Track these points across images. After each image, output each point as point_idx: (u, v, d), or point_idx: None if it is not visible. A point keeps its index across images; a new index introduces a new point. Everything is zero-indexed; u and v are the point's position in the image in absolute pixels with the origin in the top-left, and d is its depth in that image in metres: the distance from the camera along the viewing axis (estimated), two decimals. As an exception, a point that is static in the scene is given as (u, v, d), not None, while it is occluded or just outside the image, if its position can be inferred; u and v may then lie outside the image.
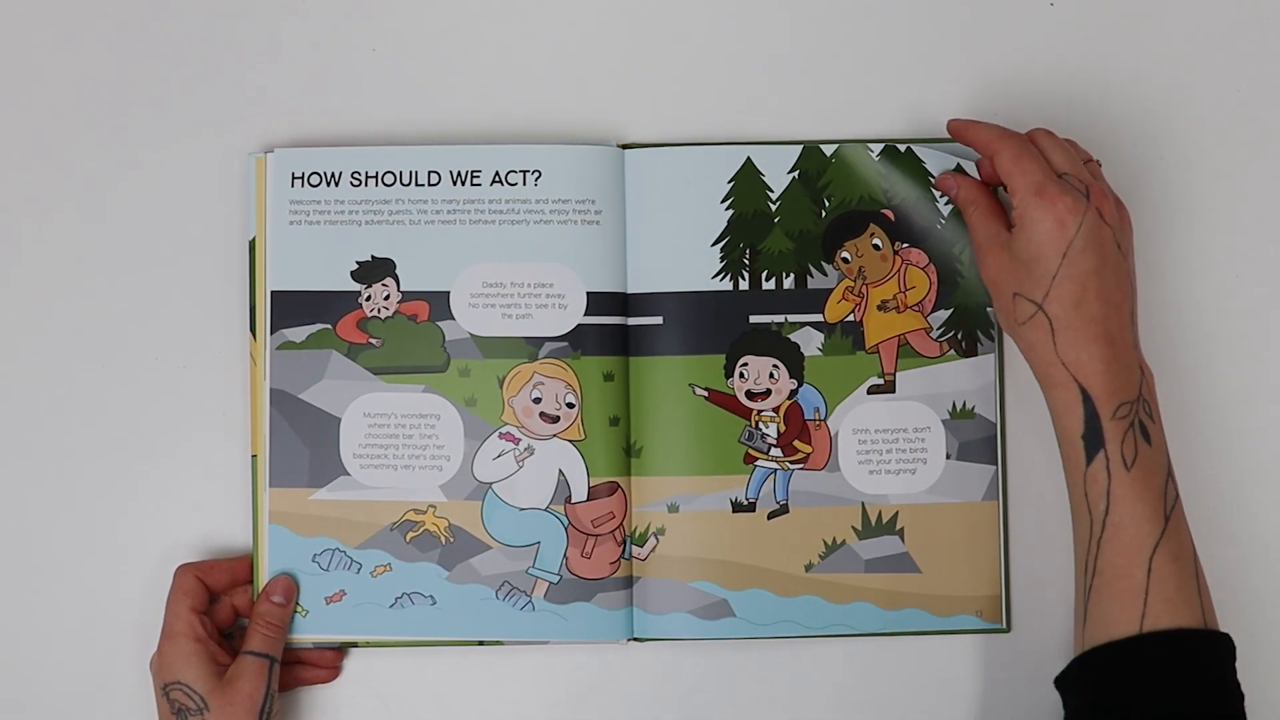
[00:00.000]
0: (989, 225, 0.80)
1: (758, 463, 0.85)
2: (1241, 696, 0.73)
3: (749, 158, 0.86)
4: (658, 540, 0.85)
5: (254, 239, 0.85)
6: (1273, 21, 0.89)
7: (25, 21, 0.88)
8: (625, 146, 0.86)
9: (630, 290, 0.86)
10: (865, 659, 0.86)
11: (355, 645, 0.84)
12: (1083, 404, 0.75)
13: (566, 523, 0.84)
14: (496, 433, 0.84)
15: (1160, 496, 0.74)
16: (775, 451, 0.85)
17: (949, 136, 0.86)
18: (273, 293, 0.85)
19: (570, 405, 0.84)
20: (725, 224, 0.86)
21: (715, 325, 0.85)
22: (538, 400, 0.84)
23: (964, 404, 0.85)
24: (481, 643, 0.84)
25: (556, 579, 0.84)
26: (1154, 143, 0.88)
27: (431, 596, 0.84)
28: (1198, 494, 0.86)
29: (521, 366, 0.84)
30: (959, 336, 0.86)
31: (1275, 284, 0.88)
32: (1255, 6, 0.89)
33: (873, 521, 0.85)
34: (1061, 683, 0.76)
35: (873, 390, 0.85)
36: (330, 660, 0.85)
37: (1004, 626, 0.85)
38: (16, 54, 0.88)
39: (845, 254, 0.86)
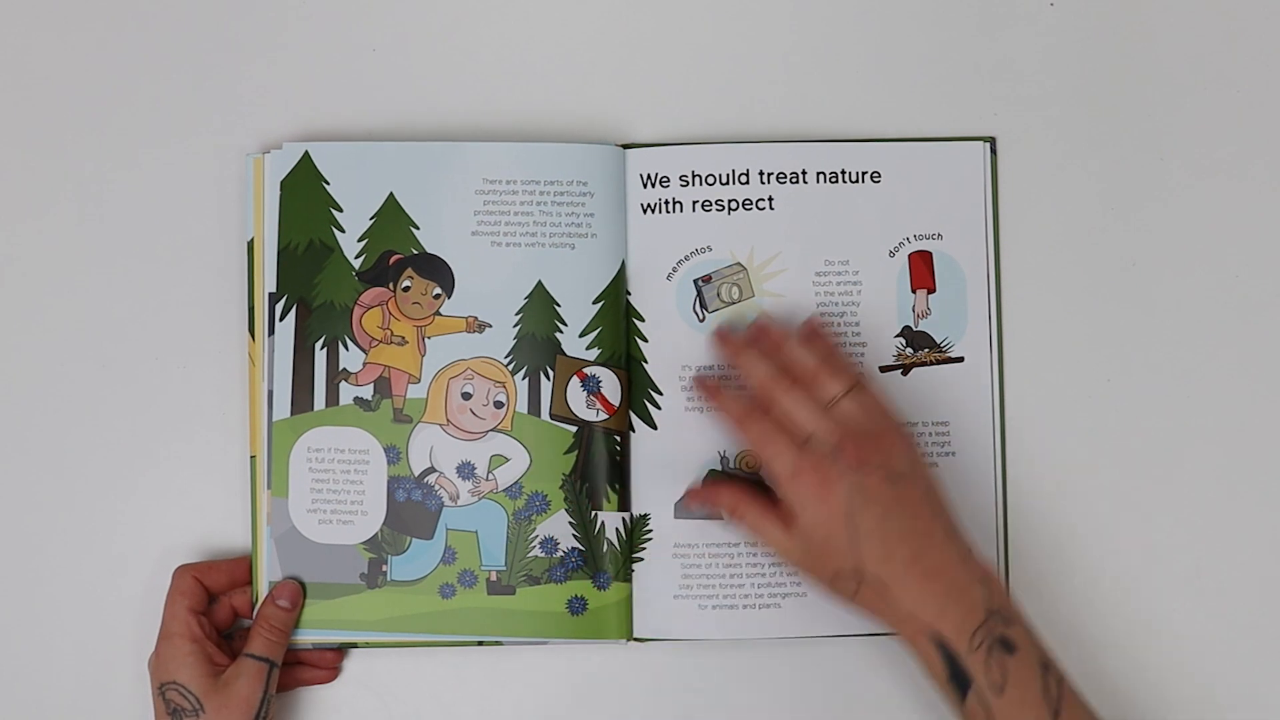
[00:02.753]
0: (769, 528, 0.78)
1: (758, 463, 0.85)
2: None
3: None
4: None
5: (252, 239, 0.85)
6: (1273, 21, 0.89)
7: (24, 21, 0.88)
8: (626, 146, 0.86)
9: (631, 290, 0.86)
10: (865, 659, 0.86)
11: (355, 645, 0.84)
12: (939, 651, 0.74)
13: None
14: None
15: (1040, 699, 0.72)
16: None
17: (951, 136, 0.86)
18: (270, 294, 0.84)
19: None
20: None
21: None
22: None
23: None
24: (481, 643, 0.84)
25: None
26: (1154, 142, 0.88)
27: (431, 596, 0.85)
28: (1200, 497, 0.86)
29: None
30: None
31: (1276, 284, 0.88)
32: (1255, 6, 0.89)
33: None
34: None
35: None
36: (330, 661, 0.85)
37: (1004, 626, 0.85)
38: (16, 54, 0.88)
39: None
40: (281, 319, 0.84)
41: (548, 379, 0.84)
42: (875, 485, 0.75)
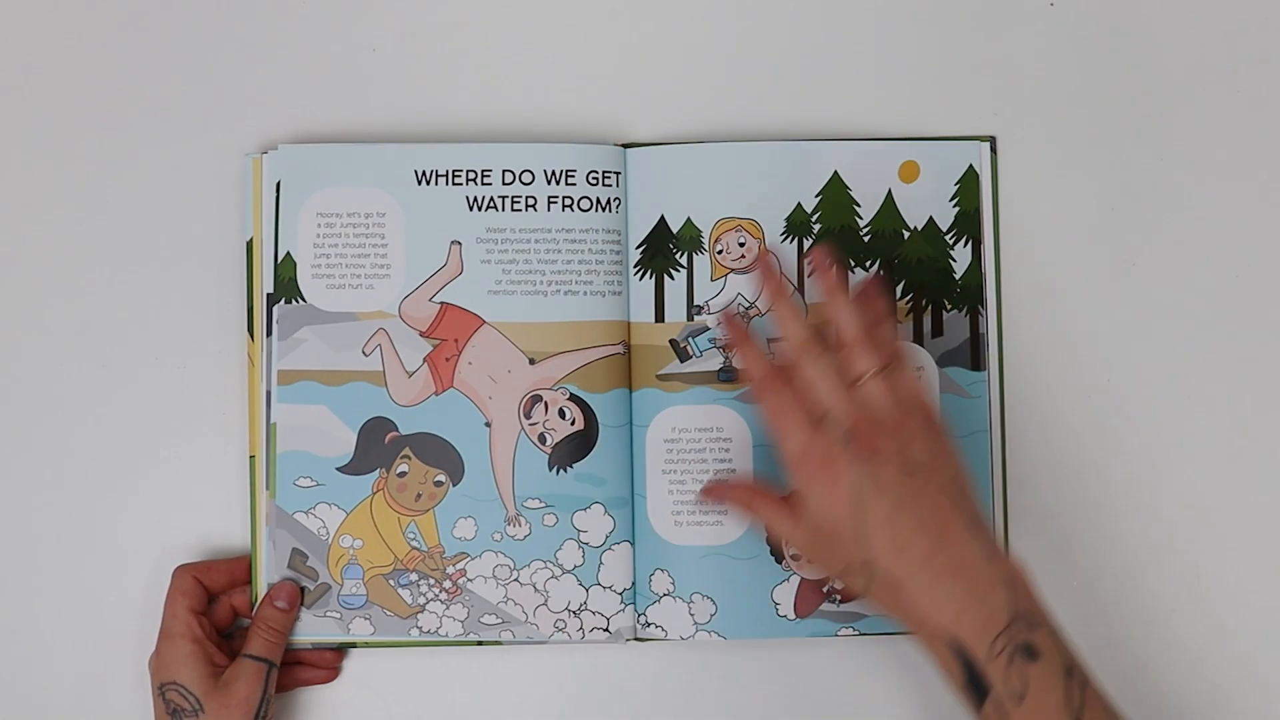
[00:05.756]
0: (781, 521, 0.75)
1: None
2: None
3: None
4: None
5: (252, 239, 0.85)
6: (1273, 21, 0.88)
7: (25, 21, 0.88)
8: (627, 146, 0.86)
9: (630, 290, 0.86)
10: (865, 659, 0.86)
11: (355, 645, 0.84)
12: (956, 657, 0.70)
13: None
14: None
15: (1061, 707, 0.68)
16: None
17: (951, 136, 0.86)
18: (269, 294, 0.84)
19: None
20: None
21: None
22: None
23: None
24: (481, 643, 0.84)
25: None
26: (1154, 143, 0.88)
27: (431, 596, 0.85)
28: (1200, 496, 0.86)
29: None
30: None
31: (1276, 284, 0.88)
32: (1255, 6, 0.88)
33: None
34: None
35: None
36: (330, 660, 0.85)
37: (1004, 626, 0.85)
38: (16, 54, 0.88)
39: None
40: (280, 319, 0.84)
41: None
42: (888, 475, 0.71)
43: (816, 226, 0.85)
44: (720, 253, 0.85)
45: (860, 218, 0.86)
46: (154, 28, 0.88)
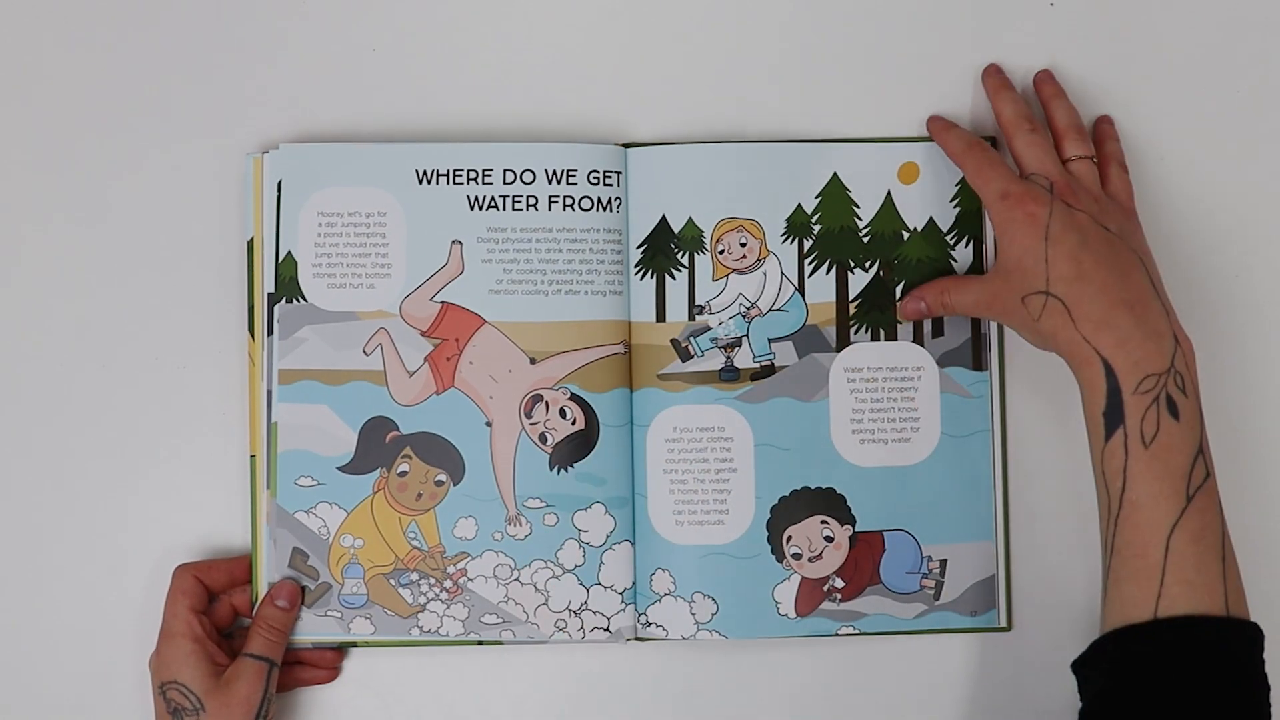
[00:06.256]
0: (970, 291, 0.81)
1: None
2: (1267, 688, 0.71)
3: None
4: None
5: (252, 239, 0.85)
6: (1273, 21, 0.89)
7: (26, 22, 0.88)
8: (627, 146, 0.86)
9: (630, 291, 0.86)
10: (866, 659, 0.86)
11: (355, 645, 0.84)
12: (1105, 378, 0.73)
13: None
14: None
15: (1183, 475, 0.72)
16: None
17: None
18: (270, 294, 0.85)
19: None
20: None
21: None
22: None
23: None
24: (481, 642, 0.84)
25: None
26: (1154, 143, 0.88)
27: (431, 596, 0.84)
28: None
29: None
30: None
31: (1276, 284, 0.88)
32: (1255, 6, 0.89)
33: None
34: (1078, 666, 0.74)
35: None
36: (330, 660, 0.85)
37: (1004, 626, 0.85)
38: (17, 54, 0.88)
39: None
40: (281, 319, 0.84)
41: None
42: (1083, 220, 0.76)
43: (816, 227, 0.86)
44: (722, 253, 0.85)
45: (860, 218, 0.86)
46: (154, 28, 0.88)
